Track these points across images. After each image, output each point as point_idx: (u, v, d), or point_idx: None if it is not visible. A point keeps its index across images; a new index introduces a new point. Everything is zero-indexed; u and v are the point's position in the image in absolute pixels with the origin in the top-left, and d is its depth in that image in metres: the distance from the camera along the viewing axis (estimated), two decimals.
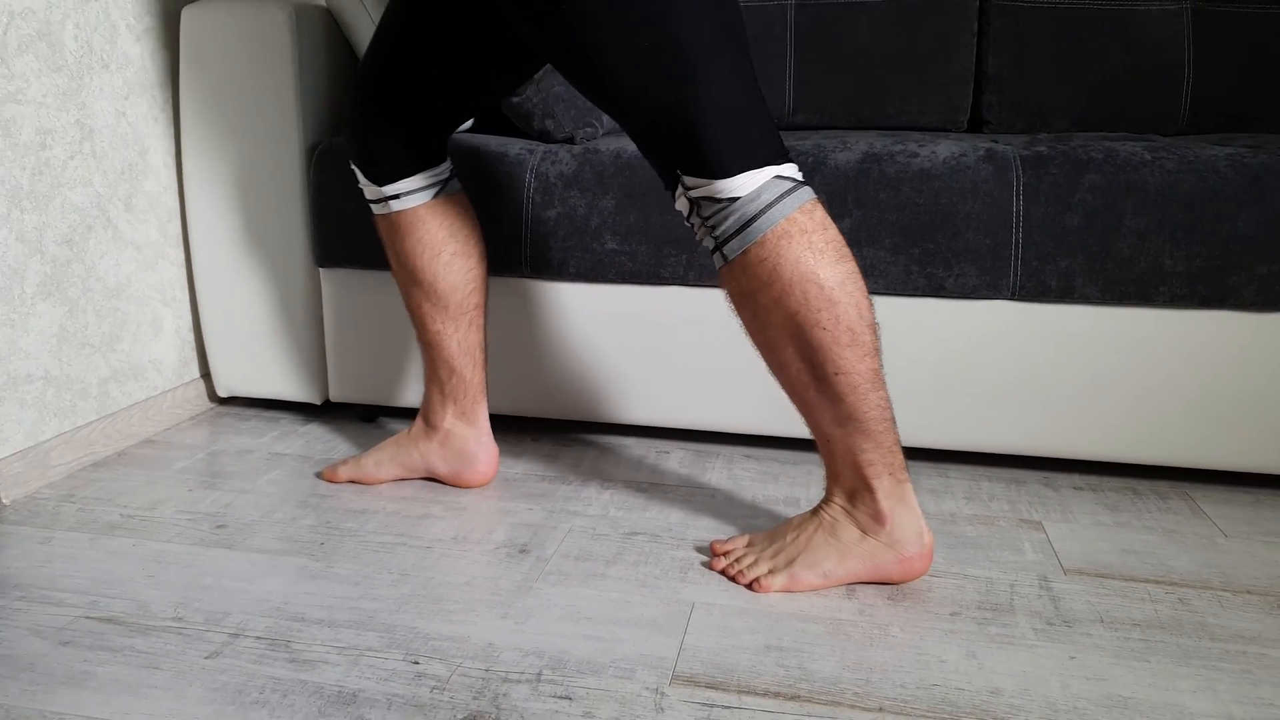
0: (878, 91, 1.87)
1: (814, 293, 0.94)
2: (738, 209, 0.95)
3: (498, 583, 1.07)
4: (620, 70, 0.93)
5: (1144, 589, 1.07)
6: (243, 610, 1.00)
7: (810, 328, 0.96)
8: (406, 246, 1.25)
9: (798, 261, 0.94)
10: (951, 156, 1.33)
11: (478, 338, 1.32)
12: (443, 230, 1.25)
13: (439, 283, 1.26)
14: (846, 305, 0.95)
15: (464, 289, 1.28)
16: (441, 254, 1.25)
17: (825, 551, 1.06)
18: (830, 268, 0.95)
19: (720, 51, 0.93)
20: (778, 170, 0.95)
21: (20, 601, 1.02)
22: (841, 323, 0.95)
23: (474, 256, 1.28)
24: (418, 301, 1.28)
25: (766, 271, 0.95)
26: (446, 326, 1.29)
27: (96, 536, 1.18)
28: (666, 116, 0.94)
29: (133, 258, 1.52)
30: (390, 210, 1.24)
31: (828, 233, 0.96)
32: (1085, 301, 1.30)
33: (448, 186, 1.26)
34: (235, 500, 1.30)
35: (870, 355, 0.98)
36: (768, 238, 0.94)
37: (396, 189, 1.23)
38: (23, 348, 1.32)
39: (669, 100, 0.93)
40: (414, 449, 1.37)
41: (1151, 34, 1.77)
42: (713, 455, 1.49)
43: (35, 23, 1.31)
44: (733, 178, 0.94)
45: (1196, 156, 1.27)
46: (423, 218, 1.24)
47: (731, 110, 0.93)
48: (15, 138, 1.29)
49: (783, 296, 0.95)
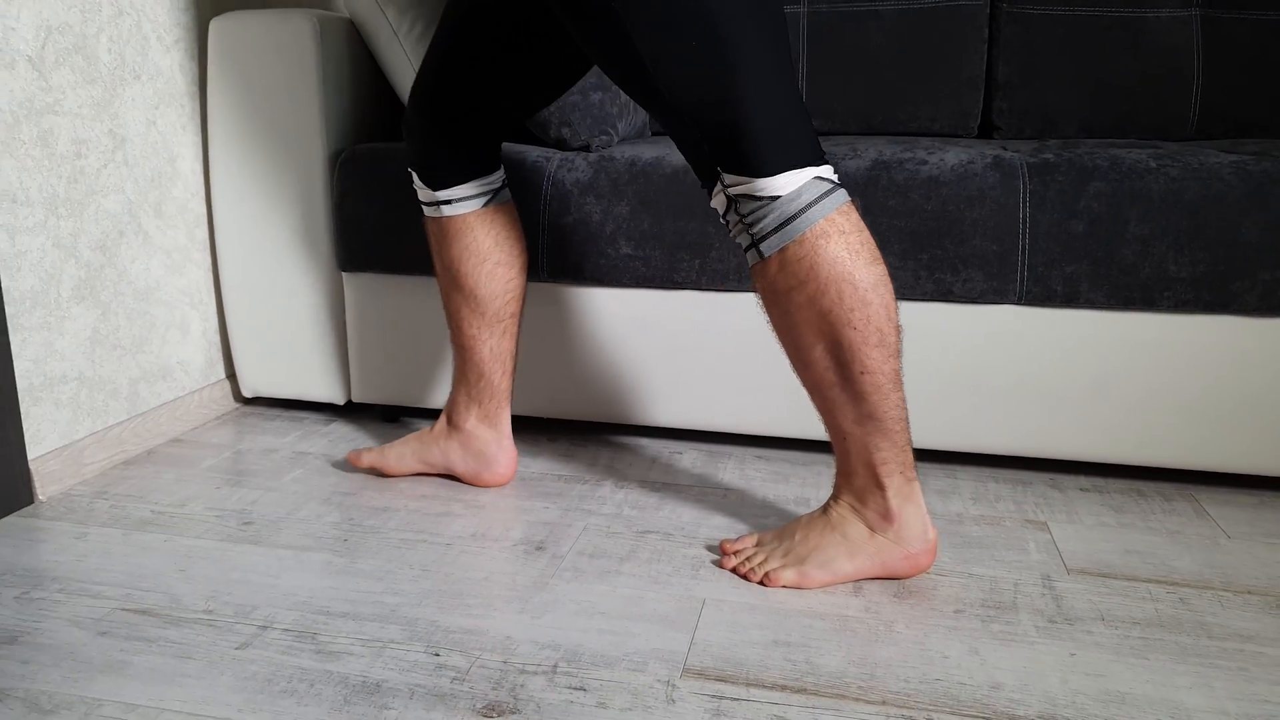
0: (889, 97, 1.90)
1: (848, 292, 0.98)
2: (778, 208, 0.98)
3: (515, 579, 1.11)
4: (666, 69, 0.96)
5: (1145, 588, 1.10)
6: (270, 604, 1.05)
7: (842, 327, 0.99)
8: (453, 252, 1.28)
9: (835, 261, 0.97)
10: (959, 164, 1.36)
11: (510, 346, 1.36)
12: (489, 239, 1.28)
13: (480, 290, 1.30)
14: (878, 306, 0.98)
15: (503, 297, 1.31)
16: (486, 262, 1.29)
17: (834, 549, 1.09)
18: (865, 269, 0.98)
19: (764, 52, 0.95)
20: (817, 171, 0.98)
21: (59, 594, 1.07)
22: (872, 323, 0.98)
23: (516, 266, 1.32)
24: (457, 305, 1.32)
25: (804, 270, 0.98)
26: (482, 332, 1.33)
27: (129, 532, 1.23)
28: (710, 116, 0.97)
29: (162, 262, 1.57)
30: (441, 214, 1.27)
31: (863, 234, 0.99)
32: (1090, 306, 1.33)
33: (499, 196, 1.29)
34: (261, 498, 1.34)
35: (894, 356, 1.01)
36: (806, 237, 0.97)
37: (450, 194, 1.26)
38: (58, 350, 1.37)
39: (713, 100, 0.96)
40: (435, 446, 1.41)
41: (1161, 41, 1.79)
42: (725, 456, 1.52)
43: (72, 36, 1.35)
44: (774, 177, 0.97)
45: (1201, 164, 1.29)
46: (471, 225, 1.27)
47: (774, 110, 0.96)
48: (52, 147, 1.33)
49: (817, 295, 0.98)
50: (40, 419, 1.35)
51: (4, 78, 1.25)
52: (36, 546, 1.18)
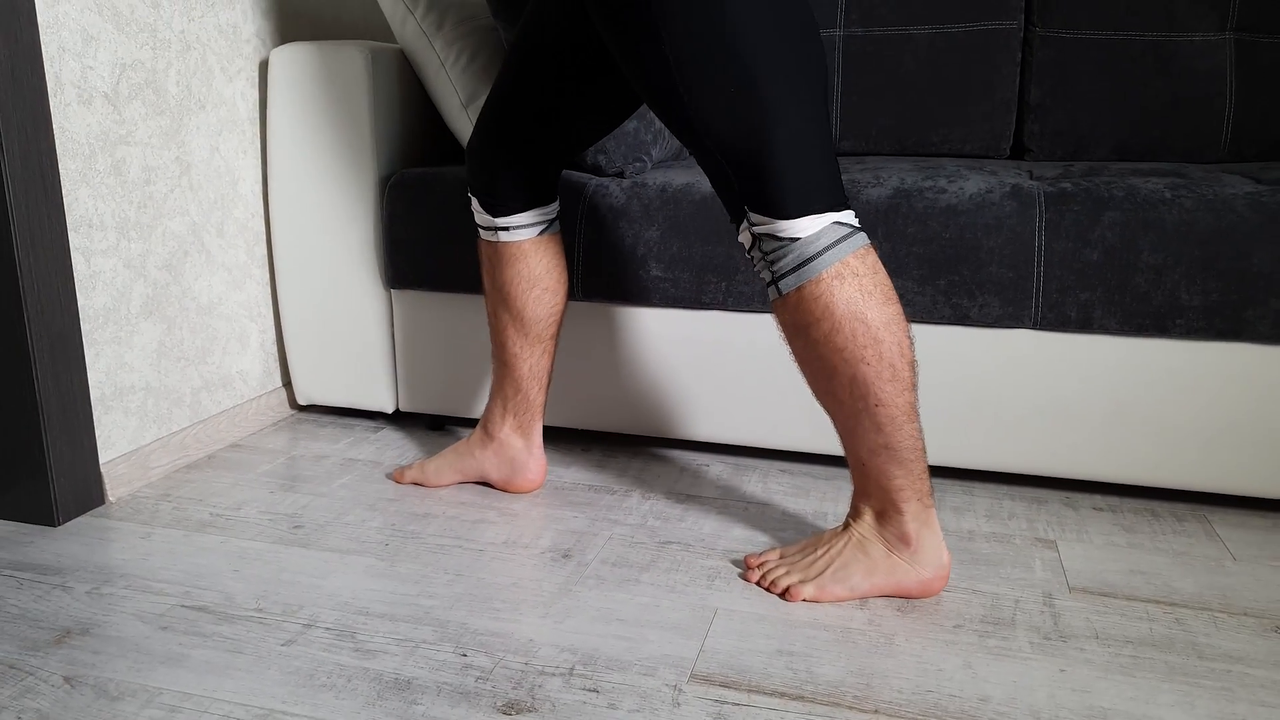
0: (922, 120, 1.94)
1: (861, 331, 1.04)
2: (797, 248, 1.04)
3: (541, 585, 1.19)
4: (704, 111, 1.03)
5: (1144, 608, 1.14)
6: (315, 604, 1.14)
7: (855, 362, 1.05)
8: (506, 275, 1.37)
9: (849, 301, 1.03)
10: (978, 193, 1.40)
11: (547, 364, 1.44)
12: (540, 267, 1.37)
13: (526, 312, 1.38)
14: (890, 344, 1.04)
15: (546, 320, 1.40)
16: (535, 288, 1.37)
17: (853, 566, 1.15)
18: (878, 309, 1.04)
19: (798, 99, 1.02)
20: (837, 217, 1.04)
21: (126, 590, 1.17)
22: (884, 359, 1.04)
23: (560, 293, 1.40)
24: (504, 324, 1.40)
25: (820, 308, 1.04)
26: (524, 350, 1.41)
27: (190, 534, 1.33)
28: (741, 159, 1.04)
29: (223, 279, 1.67)
30: (499, 239, 1.36)
31: (877, 276, 1.05)
32: (1105, 332, 1.37)
33: (552, 226, 1.37)
34: (311, 503, 1.44)
35: (908, 390, 1.07)
36: (823, 277, 1.04)
37: (509, 221, 1.34)
38: (128, 362, 1.48)
39: (744, 144, 1.03)
40: (471, 455, 1.50)
41: (1193, 64, 1.81)
42: (750, 469, 1.59)
43: (144, 72, 1.46)
44: (796, 220, 1.03)
45: (1215, 195, 1.32)
46: (526, 252, 1.35)
47: (801, 157, 1.02)
48: (124, 175, 1.44)
49: (832, 332, 1.05)
50: (111, 426, 1.46)
51: (82, 114, 1.36)
52: (106, 545, 1.29)
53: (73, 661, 1.02)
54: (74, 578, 1.20)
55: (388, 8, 1.67)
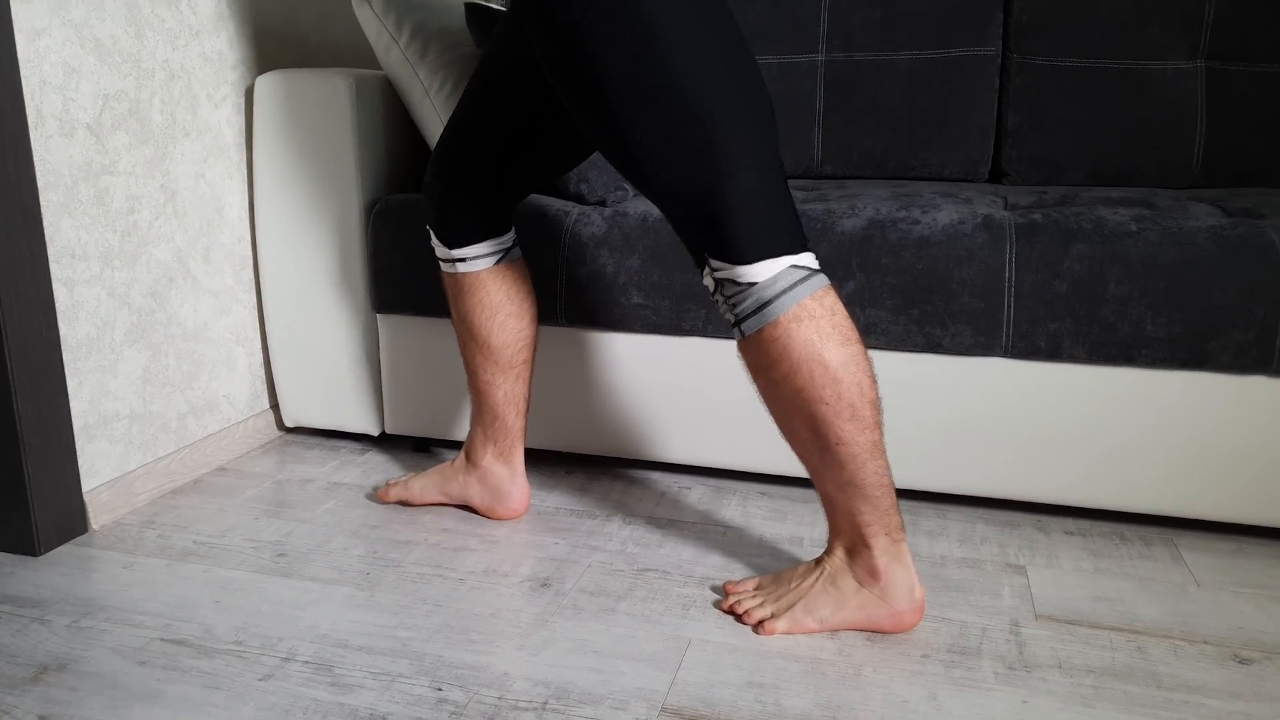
0: (902, 144, 1.97)
1: (819, 372, 1.06)
2: (756, 292, 1.06)
3: (519, 615, 1.21)
4: (658, 163, 1.05)
5: (1107, 636, 1.16)
6: (295, 636, 1.15)
7: (815, 403, 1.07)
8: (468, 305, 1.39)
9: (806, 343, 1.06)
10: (950, 224, 1.43)
11: (523, 389, 1.46)
12: (501, 293, 1.39)
13: (493, 340, 1.40)
14: (849, 384, 1.07)
15: (515, 346, 1.42)
16: (498, 314, 1.39)
17: (824, 600, 1.17)
18: (835, 350, 1.06)
19: (750, 147, 1.04)
20: (794, 260, 1.07)
21: (106, 623, 1.19)
22: (843, 399, 1.07)
23: (526, 318, 1.42)
24: (472, 353, 1.42)
25: (778, 350, 1.07)
26: (496, 378, 1.43)
27: (172, 563, 1.34)
28: (697, 208, 1.06)
29: (210, 304, 1.69)
30: (457, 270, 1.38)
31: (835, 318, 1.07)
32: (1073, 361, 1.39)
33: (510, 254, 1.39)
34: (295, 529, 1.45)
35: (870, 429, 1.09)
36: (781, 320, 1.06)
37: (465, 253, 1.36)
38: (112, 390, 1.50)
39: (700, 193, 1.05)
40: (455, 480, 1.52)
41: (1166, 92, 1.84)
42: (730, 492, 1.61)
43: (127, 102, 1.48)
44: (753, 265, 1.06)
45: (1179, 228, 1.35)
46: (485, 281, 1.38)
47: (756, 204, 1.05)
48: (108, 205, 1.46)
49: (791, 373, 1.07)
50: (95, 454, 1.47)
51: (64, 145, 1.38)
52: (88, 576, 1.31)
53: (49, 699, 1.03)
54: (53, 610, 1.22)
55: (372, 36, 1.69)
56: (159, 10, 1.53)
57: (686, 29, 1.02)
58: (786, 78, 2.01)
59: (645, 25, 1.01)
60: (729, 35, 1.05)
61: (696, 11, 1.02)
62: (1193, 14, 1.82)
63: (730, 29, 1.05)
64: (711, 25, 1.03)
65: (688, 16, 1.02)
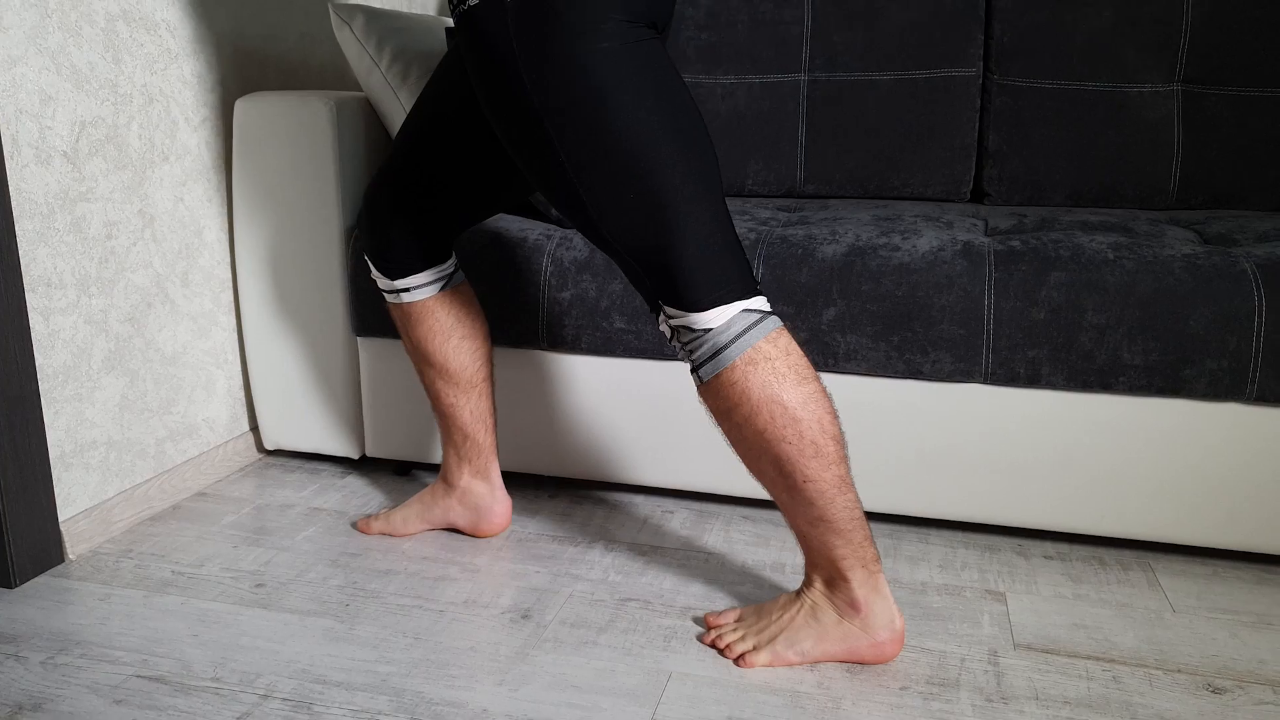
0: (884, 164, 1.98)
1: (779, 412, 1.07)
2: (710, 338, 1.08)
3: (499, 649, 1.20)
4: (608, 216, 1.07)
5: (1084, 666, 1.17)
6: (273, 671, 1.15)
7: (777, 442, 1.08)
8: (419, 333, 1.39)
9: (763, 385, 1.06)
10: (930, 251, 1.43)
11: (487, 405, 1.46)
12: (450, 318, 1.39)
13: (450, 363, 1.41)
14: (809, 422, 1.07)
15: (472, 366, 1.43)
16: (451, 338, 1.40)
17: (805, 632, 1.18)
18: (793, 390, 1.07)
19: (697, 200, 1.06)
20: (745, 304, 1.08)
21: (82, 659, 1.18)
22: (805, 438, 1.07)
23: (479, 337, 1.43)
24: (431, 379, 1.43)
25: (737, 394, 1.08)
26: (459, 399, 1.43)
27: (150, 595, 1.34)
28: (649, 258, 1.08)
29: (189, 328, 1.68)
30: (401, 301, 1.38)
31: (790, 358, 1.08)
32: (1051, 387, 1.40)
33: (453, 280, 1.40)
34: (274, 558, 1.45)
35: (835, 464, 1.09)
36: (736, 364, 1.07)
37: (407, 283, 1.37)
38: (89, 418, 1.49)
39: (651, 245, 1.07)
40: (436, 505, 1.52)
41: (1143, 114, 1.85)
42: (713, 516, 1.61)
43: (104, 128, 1.47)
44: (706, 311, 1.07)
45: (1155, 257, 1.36)
46: (431, 308, 1.38)
47: (707, 254, 1.06)
48: (84, 232, 1.45)
49: (752, 415, 1.08)
50: (71, 483, 1.46)
51: (40, 174, 1.37)
52: (64, 609, 1.30)
53: None
54: (29, 646, 1.21)
55: (354, 59, 1.69)
56: (137, 35, 1.52)
57: (634, 90, 1.03)
58: (769, 97, 2.02)
59: (595, 89, 1.02)
60: (672, 90, 1.06)
61: (641, 71, 1.04)
62: (1169, 38, 1.84)
63: (672, 83, 1.06)
64: (657, 83, 1.05)
65: (634, 77, 1.03)
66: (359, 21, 1.67)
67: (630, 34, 1.03)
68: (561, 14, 1.01)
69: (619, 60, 1.02)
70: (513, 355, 1.63)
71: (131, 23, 1.51)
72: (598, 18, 1.01)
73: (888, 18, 1.97)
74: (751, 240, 1.52)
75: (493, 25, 1.03)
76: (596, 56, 1.01)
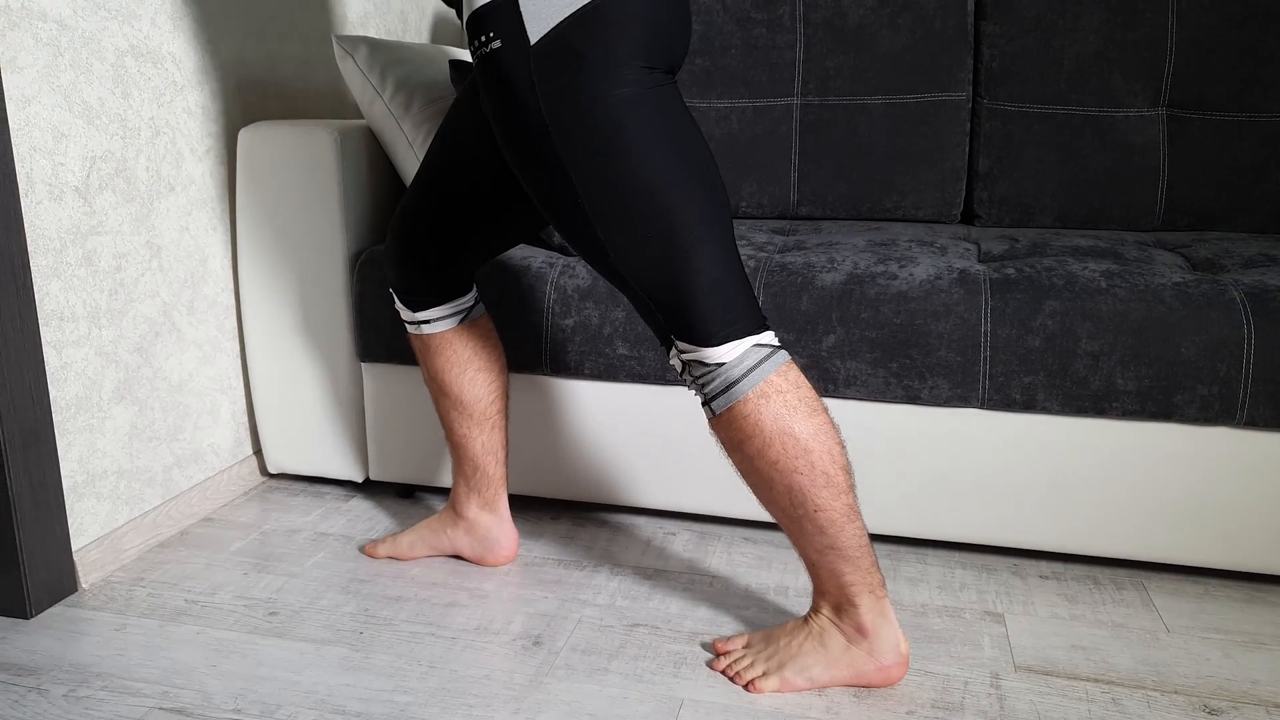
0: (876, 186, 2.01)
1: (791, 444, 1.10)
2: (722, 373, 1.11)
3: (512, 676, 1.23)
4: (624, 253, 1.10)
5: (1083, 688, 1.20)
6: (293, 702, 1.17)
7: (789, 473, 1.11)
8: (436, 364, 1.42)
9: (775, 418, 1.10)
10: (927, 279, 1.47)
11: (500, 438, 1.48)
12: (468, 350, 1.42)
13: (464, 395, 1.43)
14: (820, 453, 1.11)
15: (487, 399, 1.45)
16: (467, 370, 1.42)
17: (814, 658, 1.21)
18: (804, 422, 1.10)
19: (710, 239, 1.09)
20: (756, 339, 1.11)
21: (103, 691, 1.19)
22: (817, 468, 1.10)
23: (495, 370, 1.45)
24: (445, 409, 1.45)
25: (749, 426, 1.11)
26: (471, 430, 1.46)
27: (165, 624, 1.35)
28: (662, 294, 1.10)
29: (194, 355, 1.70)
30: (422, 332, 1.41)
31: (800, 391, 1.11)
32: (1047, 412, 1.44)
33: (472, 313, 1.42)
34: (285, 585, 1.47)
35: (844, 493, 1.13)
36: (749, 398, 1.10)
37: (428, 315, 1.39)
38: (100, 448, 1.50)
39: (665, 282, 1.10)
40: (444, 533, 1.54)
41: (1129, 138, 1.90)
42: (715, 537, 1.64)
43: (114, 162, 1.49)
44: (718, 347, 1.10)
45: (1146, 285, 1.40)
46: (450, 340, 1.41)
47: (720, 292, 1.10)
48: (95, 265, 1.47)
49: (764, 447, 1.11)
50: (83, 513, 1.48)
51: (53, 209, 1.39)
52: (80, 639, 1.31)
53: None
54: (49, 679, 1.22)
55: (356, 89, 1.71)
56: (144, 69, 1.54)
57: (652, 134, 1.06)
58: (762, 120, 2.05)
59: (616, 133, 1.05)
60: (687, 133, 1.09)
61: (659, 115, 1.07)
62: (1154, 64, 1.89)
63: (687, 126, 1.10)
64: (673, 127, 1.08)
65: (653, 122, 1.06)
66: (362, 53, 1.69)
67: (648, 79, 1.06)
68: (584, 59, 1.04)
69: (639, 105, 1.05)
70: (516, 380, 1.66)
71: (139, 57, 1.53)
72: (619, 63, 1.04)
73: (879, 43, 2.01)
74: (751, 268, 1.55)
75: (515, 69, 1.06)
76: (618, 101, 1.05)
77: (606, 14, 1.03)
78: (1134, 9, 1.90)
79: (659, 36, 1.07)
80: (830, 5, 2.03)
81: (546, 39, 1.04)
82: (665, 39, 1.08)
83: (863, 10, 2.01)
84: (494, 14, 1.06)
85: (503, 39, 1.06)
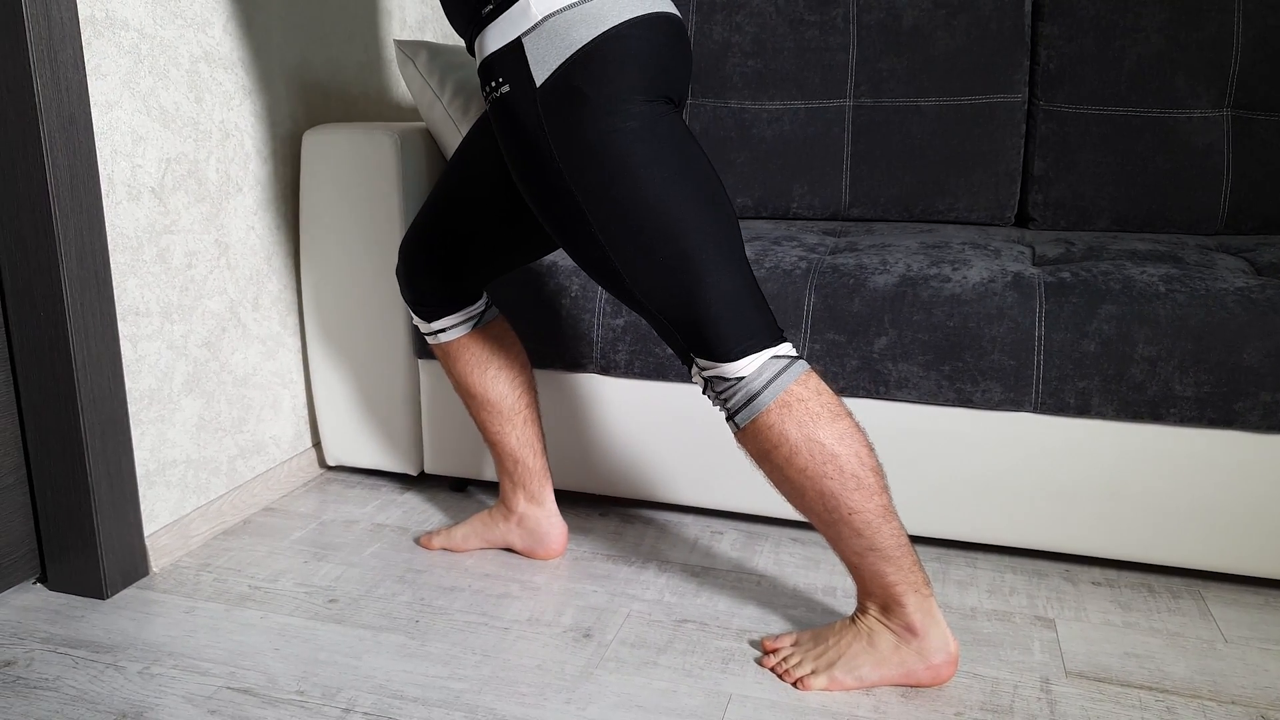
0: (930, 188, 2.01)
1: (817, 450, 1.12)
2: (743, 386, 1.14)
3: (564, 667, 1.25)
4: (639, 278, 1.14)
5: (1137, 695, 1.20)
6: (353, 686, 1.21)
7: (820, 479, 1.13)
8: (459, 369, 1.47)
9: (799, 426, 1.12)
10: (981, 282, 1.47)
11: (534, 430, 1.52)
12: (485, 351, 1.47)
13: (490, 394, 1.48)
14: (847, 457, 1.12)
15: (512, 395, 1.49)
16: (488, 370, 1.47)
17: (863, 658, 1.22)
18: (828, 427, 1.12)
19: (721, 258, 1.13)
20: (774, 351, 1.14)
21: (174, 669, 1.24)
22: (846, 471, 1.12)
23: (516, 367, 1.49)
24: (476, 409, 1.51)
25: (775, 436, 1.13)
26: (504, 427, 1.50)
27: (230, 608, 1.40)
28: (679, 315, 1.14)
29: (258, 350, 1.75)
30: (439, 341, 1.47)
31: (822, 398, 1.14)
32: (1102, 417, 1.43)
33: (485, 317, 1.48)
34: (344, 574, 1.51)
35: (877, 494, 1.14)
36: (771, 408, 1.13)
37: (442, 324, 1.45)
38: (170, 438, 1.56)
39: (680, 302, 1.13)
40: (495, 527, 1.58)
41: (1192, 140, 1.87)
42: (761, 537, 1.65)
43: (187, 164, 1.54)
44: (737, 361, 1.13)
45: (1207, 290, 1.39)
46: (466, 345, 1.46)
47: (732, 307, 1.13)
48: (169, 263, 1.52)
49: (792, 456, 1.13)
50: (155, 500, 1.53)
51: (131, 209, 1.44)
52: (152, 620, 1.37)
53: None
54: (125, 656, 1.28)
55: (416, 92, 1.75)
56: (217, 74, 1.59)
57: (659, 162, 1.10)
58: (815, 121, 2.06)
59: (624, 165, 1.10)
60: (692, 158, 1.13)
61: (664, 144, 1.11)
62: (1218, 64, 1.86)
63: (692, 151, 1.13)
64: (678, 154, 1.12)
65: (658, 151, 1.10)
66: (422, 58, 1.73)
67: (651, 111, 1.11)
68: (588, 97, 1.09)
69: (643, 137, 1.10)
70: (567, 379, 1.69)
71: (212, 63, 1.58)
72: (621, 98, 1.09)
73: (933, 44, 2.00)
74: (803, 269, 1.56)
75: (524, 110, 1.12)
76: (622, 135, 1.09)
77: (605, 53, 1.09)
78: (1198, 9, 1.87)
79: (657, 70, 1.12)
80: (884, 6, 2.03)
81: (551, 80, 1.10)
82: (663, 72, 1.13)
83: (918, 12, 2.01)
84: (502, 60, 1.12)
85: (511, 83, 1.12)
